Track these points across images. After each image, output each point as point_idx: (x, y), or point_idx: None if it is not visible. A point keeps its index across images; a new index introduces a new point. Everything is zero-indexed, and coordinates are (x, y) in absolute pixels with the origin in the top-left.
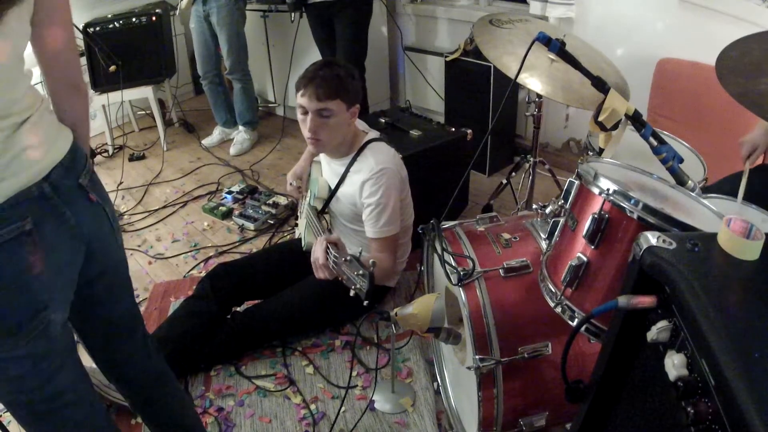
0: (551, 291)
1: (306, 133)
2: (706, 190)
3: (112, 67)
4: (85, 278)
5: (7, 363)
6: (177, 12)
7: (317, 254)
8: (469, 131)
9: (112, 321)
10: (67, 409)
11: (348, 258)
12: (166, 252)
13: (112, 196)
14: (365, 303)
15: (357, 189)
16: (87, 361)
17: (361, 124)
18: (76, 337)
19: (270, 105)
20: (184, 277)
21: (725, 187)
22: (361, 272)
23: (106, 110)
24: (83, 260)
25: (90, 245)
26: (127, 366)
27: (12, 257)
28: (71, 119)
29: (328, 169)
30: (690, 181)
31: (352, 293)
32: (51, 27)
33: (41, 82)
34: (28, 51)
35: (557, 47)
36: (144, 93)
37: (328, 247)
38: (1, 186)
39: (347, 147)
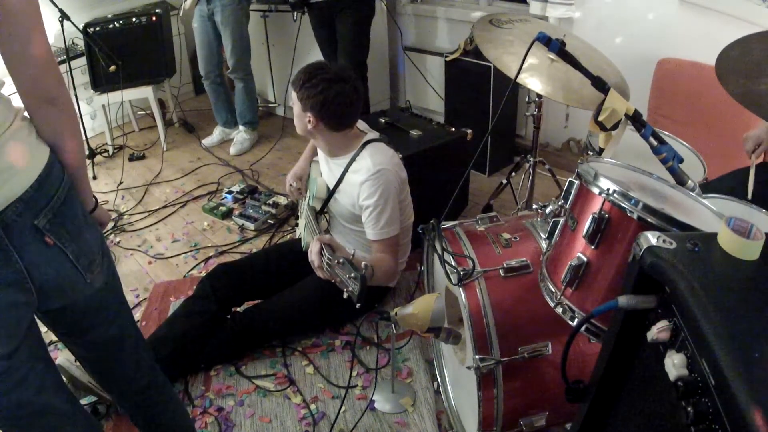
0: (551, 291)
1: None
2: (708, 186)
3: (112, 67)
4: (47, 311)
5: None
6: (180, 12)
7: (312, 256)
8: (469, 131)
9: (88, 343)
10: (34, 417)
11: (341, 260)
12: (166, 252)
13: (111, 196)
14: (357, 306)
15: (355, 190)
16: None
17: (361, 125)
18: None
19: (270, 105)
20: (184, 277)
21: (727, 183)
22: (353, 275)
23: (106, 110)
24: (37, 299)
25: (43, 287)
26: (114, 379)
27: None
28: (49, 134)
29: (327, 169)
30: (690, 181)
31: (345, 295)
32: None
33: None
34: None
35: (557, 47)
36: (144, 93)
37: (322, 249)
38: None
39: (344, 147)
